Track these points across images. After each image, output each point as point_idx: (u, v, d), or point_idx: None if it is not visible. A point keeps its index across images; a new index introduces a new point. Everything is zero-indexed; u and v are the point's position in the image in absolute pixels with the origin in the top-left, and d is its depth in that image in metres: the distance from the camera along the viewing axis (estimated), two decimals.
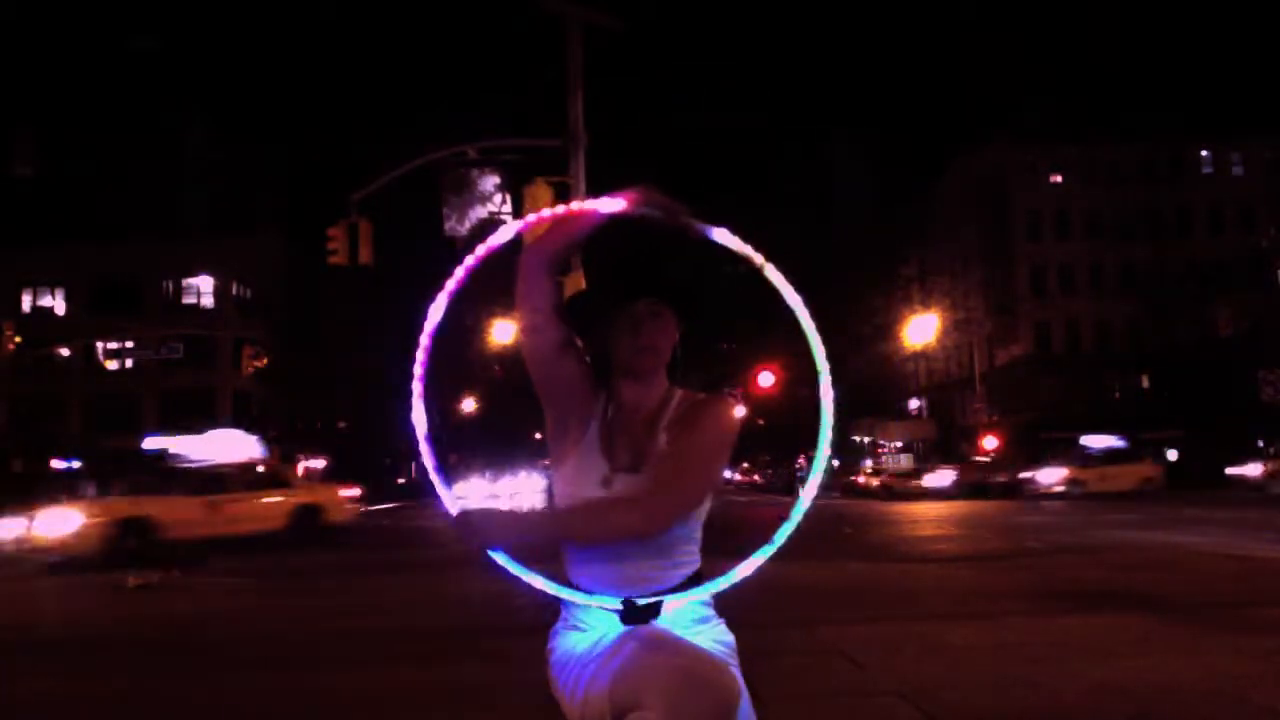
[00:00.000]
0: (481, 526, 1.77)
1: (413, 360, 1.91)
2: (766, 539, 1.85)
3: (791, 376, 36.11)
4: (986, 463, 39.29)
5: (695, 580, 1.90)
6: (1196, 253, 48.10)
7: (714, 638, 1.88)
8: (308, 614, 8.29)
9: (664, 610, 1.85)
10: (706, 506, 1.94)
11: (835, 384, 1.87)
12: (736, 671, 1.83)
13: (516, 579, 1.83)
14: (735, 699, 1.64)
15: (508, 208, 18.58)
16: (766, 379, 33.08)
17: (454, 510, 1.82)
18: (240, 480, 16.82)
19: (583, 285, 2.45)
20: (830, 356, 1.89)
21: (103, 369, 47.42)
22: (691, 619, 1.88)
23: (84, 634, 7.46)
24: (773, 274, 1.92)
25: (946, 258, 56.69)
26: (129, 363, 46.64)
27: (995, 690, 4.55)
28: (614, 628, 1.83)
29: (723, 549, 2.22)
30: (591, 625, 1.87)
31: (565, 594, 1.86)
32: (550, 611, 1.99)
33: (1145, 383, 47.77)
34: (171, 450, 28.48)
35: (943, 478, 37.95)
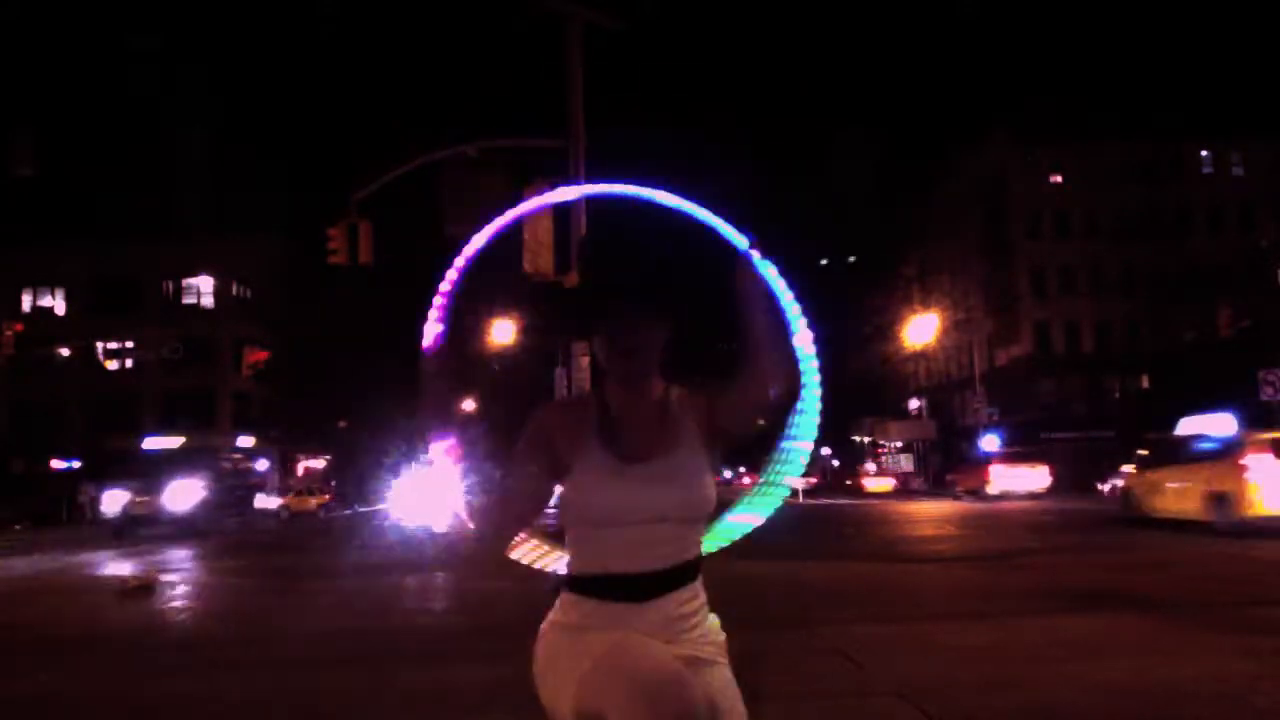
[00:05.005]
0: None
1: (414, 358, 1.88)
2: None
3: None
4: None
5: (683, 571, 1.80)
6: (1196, 253, 48.06)
7: (699, 635, 1.80)
8: (307, 614, 8.29)
9: (652, 594, 1.77)
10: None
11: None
12: (724, 672, 1.79)
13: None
14: (690, 712, 1.58)
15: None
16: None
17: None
18: None
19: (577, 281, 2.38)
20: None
21: (103, 369, 47.40)
22: (676, 608, 1.79)
23: (84, 634, 7.46)
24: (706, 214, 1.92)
25: (946, 258, 56.66)
26: (129, 363, 46.66)
27: (995, 690, 4.54)
28: (598, 627, 1.76)
29: None
30: (577, 625, 1.79)
31: None
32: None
33: (1145, 383, 47.73)
34: None
35: None
